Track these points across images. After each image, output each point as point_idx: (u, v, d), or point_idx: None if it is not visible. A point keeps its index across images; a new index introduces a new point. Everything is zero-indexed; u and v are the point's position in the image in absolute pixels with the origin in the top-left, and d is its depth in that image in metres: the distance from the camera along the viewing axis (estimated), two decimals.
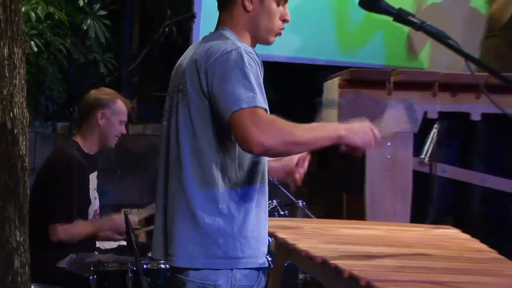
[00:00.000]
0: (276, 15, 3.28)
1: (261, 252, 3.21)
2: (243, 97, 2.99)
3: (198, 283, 3.15)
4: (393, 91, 5.52)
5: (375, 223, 4.77)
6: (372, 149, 3.24)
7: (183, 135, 3.19)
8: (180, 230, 3.17)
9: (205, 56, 3.13)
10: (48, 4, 6.21)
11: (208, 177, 3.15)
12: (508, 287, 2.88)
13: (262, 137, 2.95)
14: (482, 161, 5.59)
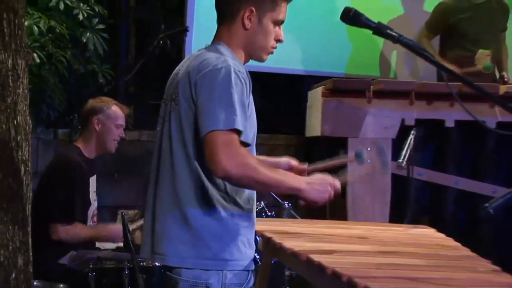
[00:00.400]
0: (272, 35, 3.29)
1: (248, 255, 3.23)
2: (222, 118, 3.01)
3: (191, 282, 3.15)
4: (373, 99, 5.53)
5: (356, 223, 4.78)
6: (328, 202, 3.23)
7: (175, 142, 3.19)
8: (172, 231, 3.17)
9: (197, 69, 3.13)
10: (50, 18, 6.21)
11: (199, 183, 3.16)
12: (480, 282, 2.89)
13: (228, 164, 2.98)
14: (455, 165, 5.61)
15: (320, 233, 3.78)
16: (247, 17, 3.24)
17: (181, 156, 3.18)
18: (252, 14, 3.24)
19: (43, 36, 6.08)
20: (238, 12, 3.24)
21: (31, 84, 5.26)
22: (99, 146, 5.20)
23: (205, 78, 3.09)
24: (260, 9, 3.24)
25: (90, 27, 6.48)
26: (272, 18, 3.26)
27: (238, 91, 3.07)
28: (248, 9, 3.23)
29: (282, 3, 3.28)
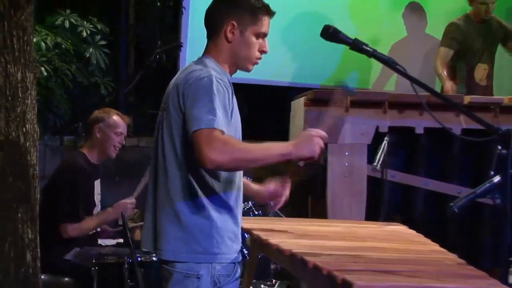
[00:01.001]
0: (255, 46, 3.29)
1: (234, 249, 3.24)
2: (204, 119, 3.02)
3: (184, 273, 3.17)
4: (350, 108, 5.52)
5: (335, 221, 4.77)
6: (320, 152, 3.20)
7: (167, 148, 3.21)
8: (167, 229, 3.19)
9: (184, 81, 3.17)
10: (56, 35, 6.22)
11: (189, 186, 3.18)
12: (447, 274, 2.88)
13: (214, 154, 2.98)
14: (425, 168, 5.60)
15: (303, 231, 3.78)
16: (230, 31, 3.25)
17: (172, 161, 3.20)
18: (234, 28, 3.25)
19: (50, 52, 6.09)
20: (222, 27, 3.26)
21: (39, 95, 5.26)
22: (101, 152, 5.23)
23: (191, 88, 3.13)
24: (241, 23, 3.25)
25: (93, 43, 6.49)
26: (253, 31, 3.27)
27: (220, 96, 3.10)
28: (230, 23, 3.25)
29: (264, 17, 3.28)
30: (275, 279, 5.04)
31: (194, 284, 3.15)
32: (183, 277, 3.17)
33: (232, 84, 3.27)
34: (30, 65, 4.04)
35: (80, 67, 6.40)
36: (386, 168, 5.35)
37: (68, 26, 6.37)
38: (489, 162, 2.84)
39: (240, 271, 3.30)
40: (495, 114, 5.53)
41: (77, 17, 6.45)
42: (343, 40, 3.09)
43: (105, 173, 5.59)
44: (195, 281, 3.15)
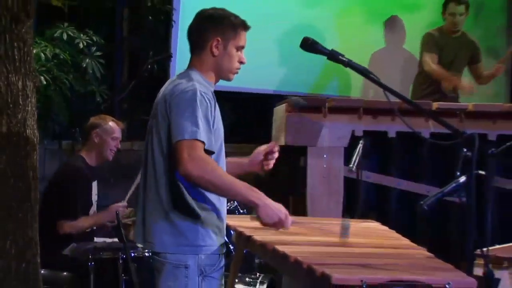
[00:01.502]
0: (235, 58, 3.33)
1: (218, 241, 3.27)
2: (187, 130, 3.07)
3: (174, 263, 3.21)
4: (327, 114, 5.53)
5: (315, 219, 4.77)
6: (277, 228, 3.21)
7: (156, 152, 3.25)
8: (157, 225, 3.23)
9: (171, 92, 3.22)
10: (55, 47, 6.22)
11: (176, 185, 3.21)
12: (417, 266, 2.90)
13: (190, 167, 3.05)
14: (397, 169, 5.61)
15: None
16: (215, 46, 3.29)
17: (161, 163, 3.23)
18: (219, 43, 3.29)
19: (49, 62, 6.09)
20: (207, 42, 3.30)
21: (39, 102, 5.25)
22: (99, 155, 5.24)
23: (176, 99, 3.17)
24: (225, 38, 3.29)
25: (89, 54, 6.49)
26: (234, 45, 3.31)
27: (202, 108, 3.14)
28: (215, 39, 3.28)
29: (242, 32, 3.34)
30: (259, 272, 5.04)
31: (183, 273, 3.18)
32: (173, 267, 3.20)
33: (219, 92, 3.34)
34: (30, 74, 4.03)
35: (77, 76, 6.40)
36: (361, 170, 5.37)
37: (66, 38, 6.37)
38: (455, 163, 2.83)
39: (224, 261, 3.33)
40: (461, 119, 5.56)
41: (74, 30, 6.44)
42: (321, 51, 3.10)
43: (102, 175, 5.60)
44: (184, 270, 3.19)
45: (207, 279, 3.21)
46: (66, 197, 5.03)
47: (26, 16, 3.98)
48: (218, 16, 3.32)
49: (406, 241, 3.53)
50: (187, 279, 3.18)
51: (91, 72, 6.46)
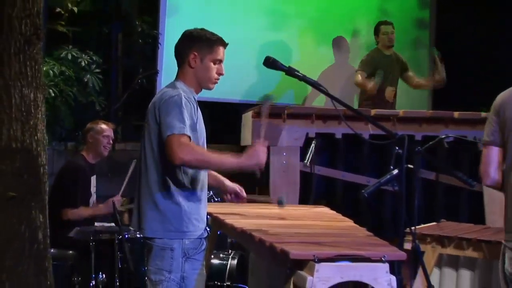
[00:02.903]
0: (213, 70, 3.29)
1: (200, 228, 3.24)
2: (176, 126, 3.05)
3: (161, 246, 3.17)
4: (286, 119, 5.55)
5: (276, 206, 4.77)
6: None
7: (147, 151, 3.21)
8: (147, 213, 3.19)
9: (160, 99, 3.19)
10: (61, 65, 6.18)
11: (164, 180, 3.18)
12: (359, 244, 2.91)
13: (182, 154, 3.02)
14: (343, 164, 5.64)
15: (251, 213, 3.79)
16: (192, 59, 3.26)
17: (151, 161, 3.20)
18: (196, 57, 3.26)
19: (56, 78, 6.05)
20: (187, 57, 3.27)
21: (48, 111, 5.22)
22: (95, 153, 5.21)
23: (165, 103, 3.14)
24: (201, 52, 3.27)
25: (90, 71, 6.44)
26: (211, 59, 3.28)
27: (187, 109, 3.12)
28: (192, 54, 3.26)
29: (219, 47, 3.30)
30: (231, 249, 5.03)
31: (168, 255, 3.15)
32: (160, 249, 3.16)
33: (199, 102, 3.29)
34: (40, 88, 4.01)
35: (80, 89, 6.35)
36: (314, 165, 5.40)
37: (70, 58, 6.31)
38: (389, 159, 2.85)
39: (205, 245, 3.29)
40: (393, 123, 5.60)
41: (77, 51, 6.39)
42: (280, 68, 3.10)
43: (100, 171, 5.56)
44: (169, 252, 3.15)
45: (190, 261, 3.17)
46: (68, 189, 5.00)
47: (37, 39, 3.96)
48: (196, 34, 3.30)
49: (350, 222, 3.55)
50: (172, 260, 3.14)
51: (92, 85, 6.41)
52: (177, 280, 3.14)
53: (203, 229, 3.26)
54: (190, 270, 3.17)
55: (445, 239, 3.70)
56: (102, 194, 5.48)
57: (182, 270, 3.15)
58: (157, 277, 3.16)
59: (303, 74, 3.08)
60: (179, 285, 3.15)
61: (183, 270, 3.15)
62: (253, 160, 3.16)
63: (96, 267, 4.64)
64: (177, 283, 3.14)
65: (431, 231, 3.81)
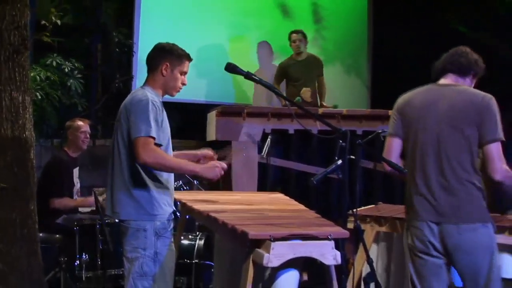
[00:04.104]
0: (179, 80, 3.32)
1: (168, 211, 3.25)
2: (143, 129, 3.06)
3: (135, 228, 3.18)
4: (246, 117, 5.55)
5: (237, 193, 4.79)
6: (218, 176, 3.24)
7: (121, 146, 3.21)
8: (121, 199, 3.19)
9: (130, 101, 3.20)
10: (47, 71, 6.10)
11: (136, 170, 3.18)
12: (309, 224, 2.93)
13: (145, 156, 3.05)
14: (295, 156, 5.66)
15: (215, 199, 3.77)
16: (164, 69, 3.28)
17: (125, 154, 3.20)
18: (167, 67, 3.27)
19: (43, 82, 5.97)
20: (159, 66, 3.28)
21: (35, 112, 5.15)
22: (75, 147, 5.12)
23: (134, 106, 3.15)
24: (172, 64, 3.28)
25: (73, 76, 6.37)
26: (179, 70, 3.30)
27: (153, 113, 3.12)
28: (165, 64, 3.27)
29: (186, 61, 3.33)
30: (198, 231, 5.02)
31: (142, 235, 3.16)
32: (135, 230, 3.17)
33: (170, 103, 3.33)
34: (28, 91, 3.98)
35: (64, 93, 6.27)
36: (270, 157, 5.41)
37: (55, 65, 6.24)
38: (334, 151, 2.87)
39: (173, 225, 3.31)
40: (338, 120, 5.63)
41: (61, 59, 6.31)
42: (239, 72, 3.08)
43: (82, 163, 5.49)
44: (143, 232, 3.16)
45: (161, 239, 3.18)
46: (54, 180, 4.92)
47: (24, 48, 3.95)
48: (169, 48, 3.31)
49: (301, 206, 3.56)
50: (146, 239, 3.15)
51: (74, 89, 6.33)
52: (151, 256, 3.16)
53: (171, 212, 3.28)
54: (161, 246, 3.18)
55: (382, 219, 3.74)
56: (84, 184, 5.43)
57: (155, 247, 3.16)
58: (133, 254, 3.17)
59: (260, 78, 3.08)
60: (153, 259, 3.16)
61: (155, 247, 3.16)
62: (210, 173, 3.21)
63: (80, 249, 4.59)
64: (151, 258, 3.16)
65: (370, 212, 3.85)
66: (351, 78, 7.56)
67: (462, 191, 3.01)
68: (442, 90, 3.14)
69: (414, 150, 3.13)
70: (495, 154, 2.97)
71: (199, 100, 7.28)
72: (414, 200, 3.10)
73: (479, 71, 3.19)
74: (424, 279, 3.09)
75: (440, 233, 3.03)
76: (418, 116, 3.12)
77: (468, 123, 3.00)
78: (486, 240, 3.02)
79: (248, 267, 2.65)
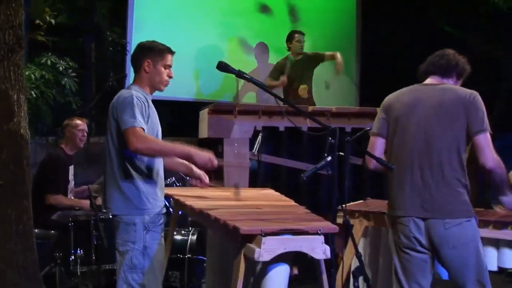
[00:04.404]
0: (164, 74, 3.33)
1: (157, 205, 3.27)
2: (130, 121, 3.09)
3: (126, 222, 3.20)
4: (237, 115, 5.54)
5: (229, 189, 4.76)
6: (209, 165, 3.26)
7: (110, 143, 3.24)
8: (113, 195, 3.22)
9: (116, 99, 3.24)
10: (42, 70, 6.07)
11: (125, 166, 3.20)
12: (299, 219, 2.92)
13: (136, 143, 3.06)
14: (286, 152, 5.66)
15: (208, 195, 3.76)
16: (147, 66, 3.31)
17: (114, 151, 3.22)
18: (150, 63, 3.31)
19: (38, 81, 5.94)
20: (142, 64, 3.31)
21: (31, 110, 5.12)
22: (72, 145, 5.13)
23: (120, 104, 3.18)
24: (154, 60, 3.31)
25: (67, 75, 6.34)
26: (162, 64, 3.32)
27: (138, 107, 3.15)
28: (146, 61, 3.30)
29: (167, 55, 3.34)
30: (191, 227, 5.01)
31: (132, 229, 3.18)
32: (125, 225, 3.19)
33: (160, 101, 3.34)
34: (23, 90, 3.96)
35: (59, 91, 6.24)
36: (261, 153, 5.41)
37: (50, 64, 6.20)
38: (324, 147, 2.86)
39: (163, 219, 3.32)
40: (327, 117, 5.64)
41: (56, 58, 6.28)
42: (231, 71, 3.07)
43: (77, 161, 5.47)
44: (133, 226, 3.18)
45: (150, 233, 3.20)
46: (49, 177, 4.91)
47: (19, 47, 3.93)
48: (149, 45, 3.34)
49: (291, 202, 3.56)
50: (135, 233, 3.17)
51: (69, 87, 6.30)
52: (140, 249, 3.17)
53: (160, 206, 3.29)
54: (151, 240, 3.20)
55: (370, 214, 3.75)
56: (79, 181, 5.41)
57: (144, 241, 3.18)
58: (124, 248, 3.19)
59: (251, 76, 3.06)
60: (142, 253, 3.18)
61: (145, 241, 3.18)
62: (202, 158, 3.21)
63: (75, 244, 4.58)
64: (140, 252, 3.17)
65: (358, 208, 3.86)
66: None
67: (448, 187, 3.03)
68: (428, 89, 3.18)
69: (401, 147, 3.14)
70: (485, 144, 3.01)
71: (191, 98, 7.27)
72: (400, 196, 3.12)
73: (463, 72, 3.23)
74: (410, 274, 3.10)
75: (426, 229, 3.05)
76: (405, 113, 3.15)
77: (456, 118, 3.03)
78: (471, 234, 3.04)
79: (240, 261, 2.64)
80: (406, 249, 3.10)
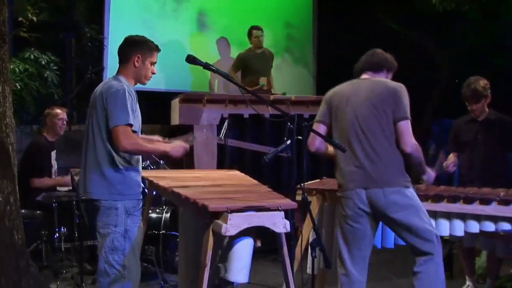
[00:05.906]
0: (149, 70, 3.24)
1: (138, 191, 3.20)
2: (121, 118, 2.99)
3: (107, 206, 3.11)
4: (206, 104, 5.52)
5: (199, 171, 4.76)
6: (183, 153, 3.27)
7: (96, 131, 3.12)
8: (94, 179, 3.11)
9: (106, 90, 3.09)
10: (25, 64, 5.92)
11: (109, 153, 3.10)
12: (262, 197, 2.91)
13: (126, 144, 3.00)
14: (250, 137, 5.68)
15: (179, 176, 3.74)
16: (136, 60, 3.20)
17: (99, 138, 3.11)
18: (139, 58, 3.20)
19: (22, 74, 5.80)
20: (131, 57, 3.20)
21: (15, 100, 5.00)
22: (53, 132, 5.06)
23: (111, 95, 3.05)
24: (143, 55, 3.21)
25: (49, 68, 6.19)
26: (149, 61, 3.23)
27: (129, 102, 3.05)
28: (137, 56, 3.20)
29: (155, 52, 3.26)
30: (165, 205, 4.99)
31: (113, 213, 3.10)
32: (106, 209, 3.11)
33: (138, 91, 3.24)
34: (7, 82, 3.85)
35: (42, 83, 6.09)
36: (227, 138, 5.40)
37: (33, 58, 6.05)
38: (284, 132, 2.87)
39: (142, 203, 3.26)
40: (287, 105, 5.67)
41: (38, 53, 6.13)
42: (199, 64, 3.03)
43: (59, 147, 5.38)
44: (114, 211, 3.10)
45: (131, 216, 3.14)
46: (34, 162, 4.85)
47: (3, 43, 3.83)
48: (140, 40, 3.24)
49: (255, 182, 3.56)
50: (117, 217, 3.09)
51: (51, 80, 6.16)
52: (121, 232, 3.10)
53: (140, 192, 3.23)
54: (131, 224, 3.13)
55: (326, 192, 3.78)
56: (61, 165, 5.33)
57: (125, 224, 3.11)
58: (105, 230, 3.12)
59: (217, 68, 3.04)
60: (123, 235, 3.11)
61: (126, 224, 3.11)
62: (177, 152, 3.21)
63: (59, 223, 4.53)
64: (121, 234, 3.10)
65: (315, 186, 3.89)
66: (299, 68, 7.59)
67: (385, 158, 3.15)
68: (363, 82, 3.33)
69: (342, 130, 3.27)
70: (405, 130, 3.14)
71: (162, 88, 7.21)
72: (344, 172, 3.24)
73: (391, 67, 3.38)
74: (351, 243, 3.18)
75: (368, 198, 3.16)
76: (345, 101, 3.29)
77: (386, 105, 3.18)
78: (410, 199, 3.15)
79: (209, 236, 2.64)
80: (350, 221, 3.21)
